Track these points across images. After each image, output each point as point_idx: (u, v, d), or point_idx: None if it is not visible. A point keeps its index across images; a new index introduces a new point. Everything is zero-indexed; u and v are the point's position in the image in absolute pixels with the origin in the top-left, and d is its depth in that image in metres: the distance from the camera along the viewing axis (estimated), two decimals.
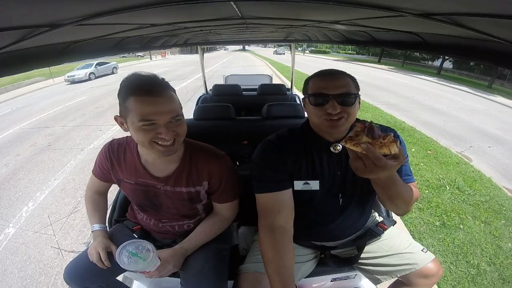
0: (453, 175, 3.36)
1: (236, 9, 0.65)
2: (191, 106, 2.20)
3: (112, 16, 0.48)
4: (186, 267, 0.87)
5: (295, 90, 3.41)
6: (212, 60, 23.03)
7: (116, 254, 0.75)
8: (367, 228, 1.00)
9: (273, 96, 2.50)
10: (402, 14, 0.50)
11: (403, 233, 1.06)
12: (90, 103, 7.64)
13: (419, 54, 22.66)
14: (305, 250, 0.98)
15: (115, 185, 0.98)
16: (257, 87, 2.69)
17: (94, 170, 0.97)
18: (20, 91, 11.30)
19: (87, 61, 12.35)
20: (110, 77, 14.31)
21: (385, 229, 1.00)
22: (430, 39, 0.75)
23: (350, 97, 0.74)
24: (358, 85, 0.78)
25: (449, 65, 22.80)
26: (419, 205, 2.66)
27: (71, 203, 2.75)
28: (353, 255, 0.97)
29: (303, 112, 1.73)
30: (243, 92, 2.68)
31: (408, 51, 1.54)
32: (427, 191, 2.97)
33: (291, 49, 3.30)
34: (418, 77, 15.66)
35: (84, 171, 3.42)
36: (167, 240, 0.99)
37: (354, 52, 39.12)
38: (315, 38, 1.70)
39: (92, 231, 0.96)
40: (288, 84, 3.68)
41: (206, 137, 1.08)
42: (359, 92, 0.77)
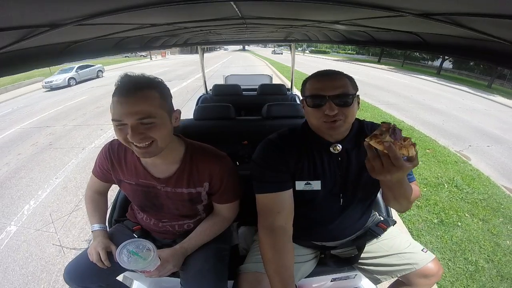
0: (451, 173, 3.36)
1: (236, 9, 0.65)
2: (191, 106, 2.20)
3: (112, 16, 0.48)
4: (186, 267, 0.87)
5: (295, 90, 3.40)
6: (212, 60, 23.01)
7: (116, 253, 0.75)
8: (367, 228, 1.00)
9: (273, 96, 2.50)
10: (402, 14, 0.50)
11: (403, 233, 1.06)
12: (91, 103, 7.64)
13: (419, 54, 22.67)
14: (305, 250, 0.98)
15: (115, 185, 0.98)
16: (257, 87, 2.69)
17: (94, 170, 0.97)
18: (20, 91, 11.24)
19: (67, 64, 10.69)
20: (95, 81, 12.43)
21: (385, 229, 1.00)
22: (430, 39, 0.75)
23: (347, 97, 0.73)
24: (356, 85, 0.77)
25: (449, 65, 22.80)
26: (418, 202, 2.65)
27: (72, 201, 2.75)
28: (353, 255, 0.97)
29: (303, 112, 1.72)
30: (243, 92, 2.68)
31: (408, 51, 1.54)
32: (425, 189, 2.97)
33: (291, 49, 3.29)
34: (418, 77, 15.64)
35: (85, 169, 3.42)
36: (167, 240, 0.99)
37: (354, 52, 39.12)
38: (315, 38, 1.70)
39: (92, 231, 0.96)
40: (288, 84, 3.68)
41: (206, 137, 1.08)
42: (357, 92, 0.77)
